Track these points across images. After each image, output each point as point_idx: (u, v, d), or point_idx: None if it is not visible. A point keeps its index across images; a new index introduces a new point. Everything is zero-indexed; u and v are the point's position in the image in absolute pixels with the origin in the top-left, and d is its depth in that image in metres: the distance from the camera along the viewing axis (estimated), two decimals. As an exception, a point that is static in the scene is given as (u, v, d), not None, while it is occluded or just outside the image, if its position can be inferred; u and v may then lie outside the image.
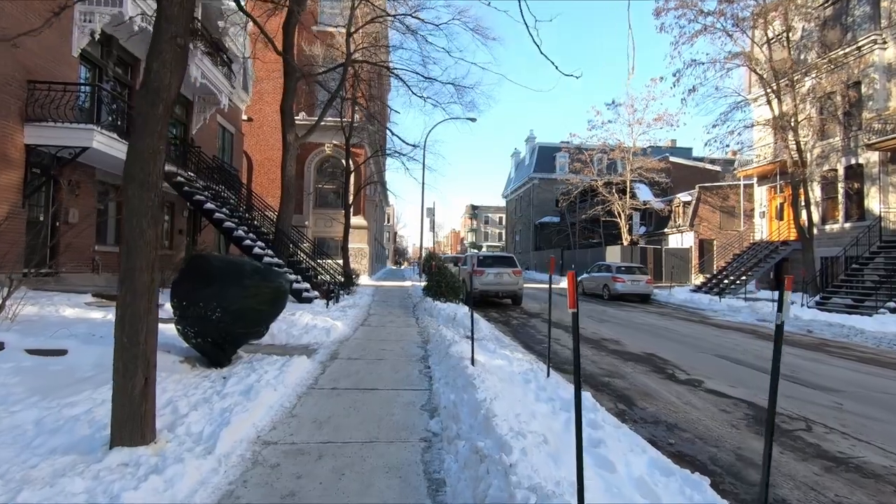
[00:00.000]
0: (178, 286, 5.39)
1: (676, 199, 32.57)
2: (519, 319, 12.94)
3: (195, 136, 16.37)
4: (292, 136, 13.85)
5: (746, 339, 10.50)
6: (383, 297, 16.96)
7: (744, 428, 4.77)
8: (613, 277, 19.39)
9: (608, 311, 15.17)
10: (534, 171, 51.09)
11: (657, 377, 6.78)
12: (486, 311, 14.56)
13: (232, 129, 20.41)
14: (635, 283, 19.30)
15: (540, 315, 13.86)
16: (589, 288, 21.62)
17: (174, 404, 4.11)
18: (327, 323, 8.85)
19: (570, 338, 9.93)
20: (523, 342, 9.27)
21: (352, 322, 10.22)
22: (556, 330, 11.03)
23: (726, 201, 31.25)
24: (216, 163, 15.84)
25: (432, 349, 7.51)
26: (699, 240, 31.10)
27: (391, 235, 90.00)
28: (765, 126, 21.69)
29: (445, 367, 5.99)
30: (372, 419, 4.29)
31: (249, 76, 21.77)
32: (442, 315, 10.99)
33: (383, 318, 11.60)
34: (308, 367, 6.02)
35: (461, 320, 10.26)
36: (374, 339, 8.64)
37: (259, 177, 27.17)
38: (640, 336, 10.42)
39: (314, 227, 27.70)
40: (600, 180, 32.58)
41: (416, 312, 12.74)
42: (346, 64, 15.33)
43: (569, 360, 7.74)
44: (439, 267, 13.33)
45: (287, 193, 13.79)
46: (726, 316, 14.79)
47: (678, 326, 12.25)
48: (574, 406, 2.41)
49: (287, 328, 8.19)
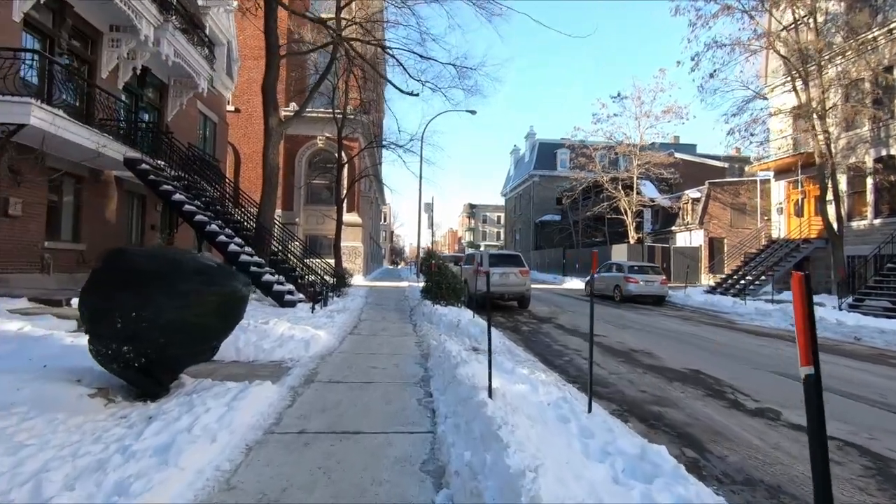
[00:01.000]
0: (89, 293, 3.96)
1: (685, 195, 31.25)
2: (529, 325, 11.54)
3: (171, 122, 14.89)
4: (275, 120, 12.41)
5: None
6: (377, 300, 15.53)
7: (877, 491, 3.37)
8: (626, 278, 18.01)
9: (626, 316, 13.78)
10: (534, 169, 49.72)
11: (718, 405, 5.38)
12: (491, 314, 13.15)
13: (215, 118, 18.93)
14: (649, 283, 17.93)
15: (551, 320, 12.47)
16: (598, 289, 20.21)
17: (42, 477, 2.67)
18: (308, 332, 7.42)
19: (593, 349, 8.49)
20: (541, 355, 7.87)
21: (339, 330, 8.79)
22: (572, 338, 9.62)
23: (737, 198, 29.96)
24: (193, 152, 14.37)
25: (434, 367, 6.09)
26: (709, 238, 29.79)
27: (388, 234, 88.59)
28: (783, 116, 20.38)
29: (453, 397, 4.57)
30: (349, 492, 2.88)
31: (234, 61, 20.31)
32: (443, 321, 9.58)
33: (376, 324, 10.18)
34: (272, 396, 4.59)
35: (465, 328, 8.86)
36: (364, 352, 7.22)
37: (247, 171, 25.68)
38: (672, 346, 9.02)
39: (305, 224, 26.26)
40: (606, 176, 31.20)
41: (414, 317, 11.32)
42: (337, 42, 13.88)
43: (600, 378, 6.33)
44: (439, 266, 11.93)
45: (269, 184, 12.35)
46: (755, 320, 13.43)
47: (708, 333, 10.86)
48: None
49: (257, 340, 6.76)
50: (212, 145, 18.95)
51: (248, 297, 4.76)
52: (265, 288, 10.78)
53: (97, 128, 10.26)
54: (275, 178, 12.52)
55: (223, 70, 19.22)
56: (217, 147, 19.25)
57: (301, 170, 26.15)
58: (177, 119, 15.30)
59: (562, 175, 48.99)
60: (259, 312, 9.65)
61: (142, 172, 10.67)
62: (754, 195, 30.02)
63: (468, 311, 11.30)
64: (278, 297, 10.72)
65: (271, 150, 12.32)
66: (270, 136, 12.35)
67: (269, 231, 12.34)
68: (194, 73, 14.43)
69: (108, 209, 12.02)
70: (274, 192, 12.57)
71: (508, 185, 60.20)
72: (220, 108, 19.61)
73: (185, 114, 16.00)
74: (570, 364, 7.36)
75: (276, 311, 10.00)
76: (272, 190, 12.48)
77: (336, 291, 14.96)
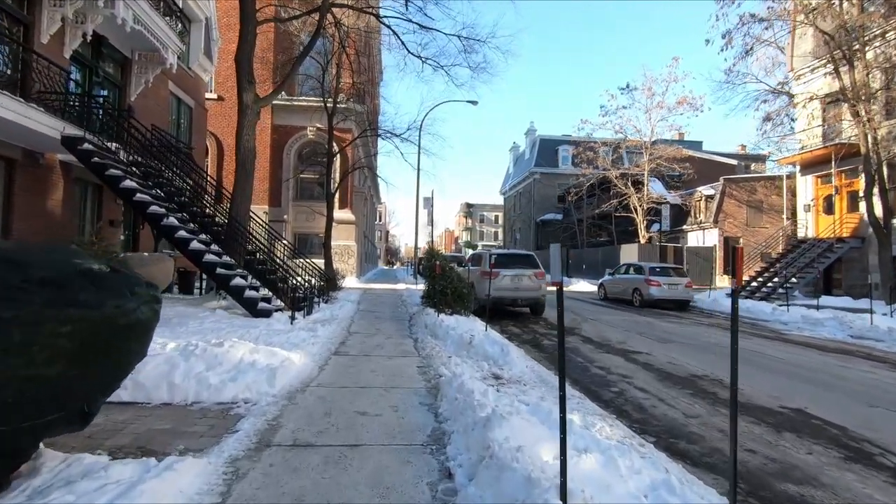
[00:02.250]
0: None
1: (698, 192, 29.58)
2: (549, 337, 9.75)
3: (135, 103, 13.01)
4: (250, 95, 10.57)
5: (889, 371, 7.36)
6: (371, 305, 13.69)
7: None
8: (647, 280, 16.26)
9: (658, 325, 12.01)
10: (535, 166, 48.02)
11: (876, 478, 3.59)
12: (501, 322, 11.36)
13: (191, 103, 17.04)
14: (673, 287, 16.18)
15: (574, 330, 10.68)
16: (613, 292, 18.49)
17: None
18: (277, 357, 5.58)
19: (640, 370, 6.70)
20: (581, 385, 6.06)
21: (321, 349, 6.97)
22: (609, 356, 7.81)
23: (754, 195, 28.31)
24: (159, 136, 12.48)
25: (450, 414, 4.27)
26: (724, 237, 28.12)
27: (383, 234, 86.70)
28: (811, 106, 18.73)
29: (492, 493, 2.75)
30: None
31: (214, 41, 18.42)
32: (452, 337, 7.77)
33: (369, 339, 8.34)
34: (189, 489, 2.76)
35: (480, 346, 7.05)
36: (351, 384, 5.39)
37: (231, 164, 23.63)
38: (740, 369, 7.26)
39: (294, 221, 24.38)
40: (615, 171, 29.44)
41: (414, 329, 9.49)
42: (324, 9, 12.02)
43: (678, 426, 4.52)
44: (444, 268, 10.12)
45: (243, 172, 10.51)
46: (804, 330, 11.70)
47: (766, 348, 9.09)
48: None
49: (203, 371, 4.92)
50: (187, 133, 17.06)
51: (153, 320, 2.92)
52: (235, 294, 8.93)
53: (34, 102, 8.42)
54: (250, 165, 10.67)
55: (200, 49, 17.35)
56: (194, 135, 17.36)
57: (290, 162, 24.26)
58: (143, 100, 13.42)
59: (564, 172, 47.28)
60: (223, 326, 7.80)
61: (84, 154, 8.79)
62: (771, 192, 28.43)
63: (478, 322, 9.51)
64: (250, 305, 8.87)
65: (246, 130, 10.48)
66: (245, 115, 10.51)
67: (243, 227, 10.48)
68: (160, 45, 12.54)
69: (51, 200, 10.12)
70: (249, 181, 10.72)
71: (507, 184, 58.45)
72: (198, 93, 17.72)
73: (154, 94, 14.11)
74: (625, 398, 5.56)
75: (245, 324, 8.15)
76: (247, 178, 10.63)
77: (324, 296, 13.12)
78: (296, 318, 9.28)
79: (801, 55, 20.70)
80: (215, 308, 9.29)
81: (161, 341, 6.00)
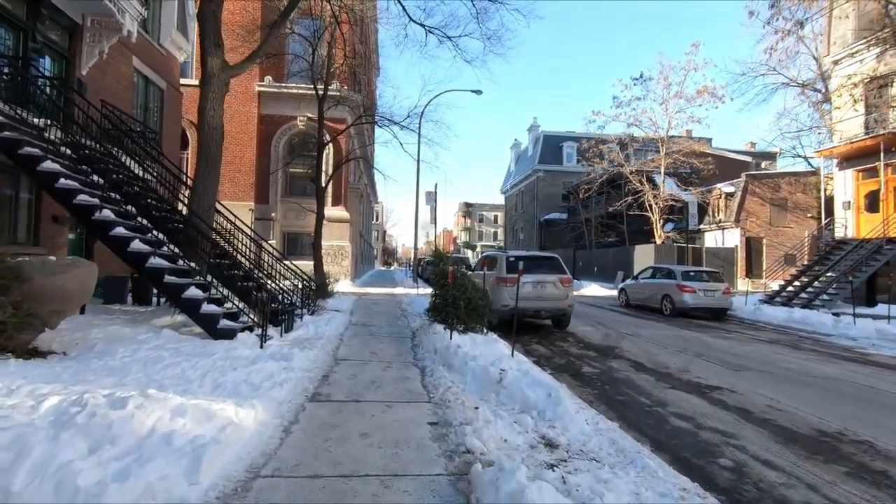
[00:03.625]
0: None
1: (717, 189, 27.67)
2: (588, 361, 7.76)
3: (88, 77, 10.99)
4: (216, 62, 8.55)
5: None
6: (366, 317, 11.69)
7: None
8: (679, 286, 14.31)
9: (711, 343, 10.05)
10: (538, 163, 46.07)
11: None
12: (521, 338, 9.39)
13: (161, 84, 14.99)
14: (709, 293, 14.24)
15: (614, 350, 8.70)
16: (637, 299, 16.53)
17: None
18: (213, 421, 3.58)
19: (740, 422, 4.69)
20: (675, 455, 4.08)
21: (291, 394, 4.97)
22: (684, 394, 5.77)
23: (777, 192, 26.44)
24: (111, 116, 10.42)
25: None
26: (746, 238, 26.24)
27: (380, 234, 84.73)
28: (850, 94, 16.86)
29: None
30: None
31: (190, 15, 16.37)
32: (472, 370, 5.78)
33: (360, 371, 6.34)
34: None
35: (516, 387, 5.07)
36: (328, 472, 3.36)
37: (213, 157, 21.70)
38: (853, 409, 5.28)
39: (283, 220, 22.35)
40: (629, 166, 27.49)
41: (420, 352, 7.50)
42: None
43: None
44: (457, 275, 8.11)
45: (207, 155, 8.50)
46: (881, 348, 9.77)
47: (862, 377, 7.13)
48: None
49: (77, 458, 2.90)
50: (157, 118, 15.01)
51: None
52: (188, 308, 6.92)
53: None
54: (216, 147, 8.65)
55: (173, 24, 15.30)
56: (166, 121, 15.30)
57: (278, 156, 22.22)
58: (99, 75, 11.39)
59: (568, 170, 45.36)
60: (164, 356, 5.79)
61: (-11, 127, 6.75)
62: (796, 189, 26.58)
63: (500, 344, 7.55)
64: (208, 323, 6.86)
65: (211, 104, 8.46)
66: (210, 85, 8.49)
67: (207, 224, 8.45)
68: (115, 7, 10.53)
69: (-37, 189, 8.10)
70: (215, 167, 8.69)
71: (509, 182, 56.49)
72: (170, 73, 15.66)
73: (113, 70, 12.08)
74: (757, 488, 3.58)
75: (196, 350, 6.14)
76: (213, 164, 8.61)
77: (311, 306, 11.12)
78: (269, 337, 7.30)
79: (839, 37, 18.86)
80: (165, 326, 7.28)
81: (46, 390, 4.02)
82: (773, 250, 26.16)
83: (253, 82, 21.78)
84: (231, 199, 21.53)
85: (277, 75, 22.14)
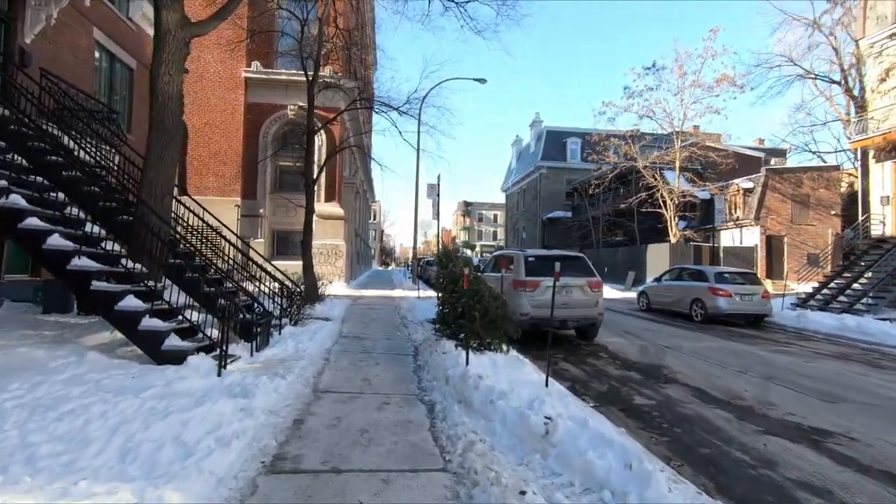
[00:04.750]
0: None
1: (734, 185, 26.13)
2: (636, 388, 6.16)
3: (33, 47, 9.35)
4: (173, 17, 6.93)
5: None
6: (359, 326, 10.08)
7: None
8: (713, 289, 12.72)
9: (769, 359, 8.46)
10: (541, 160, 44.52)
11: None
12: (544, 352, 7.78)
13: (130, 62, 13.33)
14: (747, 297, 12.66)
15: (661, 371, 7.11)
16: (660, 303, 14.94)
17: None
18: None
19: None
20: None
21: (239, 459, 3.35)
22: (790, 447, 4.09)
23: (799, 188, 24.91)
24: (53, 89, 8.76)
25: None
26: (766, 236, 24.70)
27: (378, 234, 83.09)
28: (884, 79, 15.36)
29: None
30: None
31: (164, -11, 14.67)
32: (501, 413, 4.18)
33: (346, 411, 4.71)
34: None
35: (571, 447, 3.44)
36: None
37: (198, 147, 20.07)
38: None
39: (272, 216, 20.69)
40: (642, 160, 25.90)
41: (425, 378, 5.87)
42: None
43: None
44: (472, 279, 6.49)
45: (161, 132, 6.86)
46: (971, 364, 8.21)
47: None
48: None
49: None
50: (125, 100, 13.36)
51: None
52: (122, 324, 5.30)
53: None
54: (174, 122, 7.01)
55: (143, -5, 13.64)
56: (136, 104, 13.62)
57: (266, 148, 20.55)
58: (49, 47, 9.75)
59: (572, 167, 43.79)
60: (73, 393, 4.16)
61: None
62: (819, 184, 25.07)
63: (526, 365, 6.00)
64: (150, 344, 5.24)
65: (165, 68, 6.82)
66: (164, 44, 6.85)
67: (161, 216, 6.81)
68: (61, -39, 8.90)
69: None
70: (172, 146, 7.05)
71: (510, 180, 54.89)
72: (141, 51, 13.97)
73: (67, 41, 10.44)
74: None
75: (126, 383, 4.52)
76: (168, 143, 6.97)
77: (296, 314, 9.48)
78: (234, 359, 5.70)
79: (878, 17, 17.36)
80: (97, 347, 5.65)
81: None
82: (795, 250, 24.65)
83: (239, 67, 20.12)
84: (215, 195, 19.89)
85: (266, 61, 20.49)
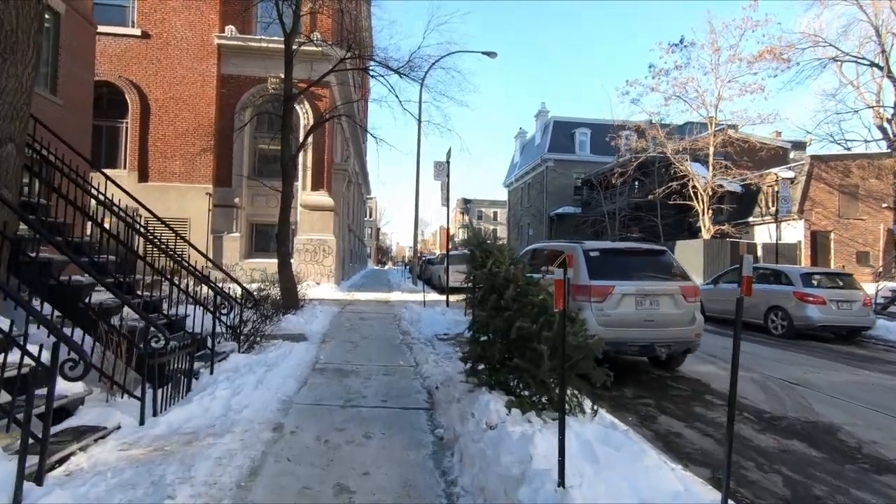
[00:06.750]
0: None
1: (771, 174, 23.38)
2: (845, 489, 3.38)
3: None
4: None
5: None
6: (344, 350, 7.21)
7: None
8: (800, 295, 9.95)
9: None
10: (548, 151, 41.72)
11: None
12: (618, 390, 4.97)
13: (59, 7, 10.38)
14: (843, 305, 9.90)
15: (825, 429, 4.32)
16: (717, 310, 12.07)
17: None
18: None
19: None
20: None
21: None
22: None
23: (847, 178, 22.18)
24: None
25: None
26: (811, 231, 21.96)
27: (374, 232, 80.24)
28: None
29: None
30: None
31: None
32: None
33: None
34: None
35: None
36: None
37: (161, 126, 17.13)
38: None
39: (250, 207, 17.80)
40: (672, 144, 23.11)
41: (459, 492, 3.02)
42: None
43: None
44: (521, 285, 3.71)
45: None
46: None
47: None
48: None
49: None
50: (48, 54, 10.42)
51: None
52: None
53: None
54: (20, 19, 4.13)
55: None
56: (64, 59, 10.64)
57: (244, 127, 17.64)
58: None
59: (582, 159, 41.03)
60: None
61: None
62: (869, 174, 22.33)
63: (652, 456, 3.06)
64: None
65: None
66: None
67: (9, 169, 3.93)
68: None
69: None
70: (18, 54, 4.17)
71: (513, 174, 52.09)
72: (74, -7, 11.04)
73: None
74: None
75: None
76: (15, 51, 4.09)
77: (252, 333, 6.62)
78: (97, 434, 2.84)
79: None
80: None
81: None
82: (843, 247, 21.96)
83: (210, 33, 17.21)
84: (182, 181, 16.99)
85: (243, 25, 17.59)
